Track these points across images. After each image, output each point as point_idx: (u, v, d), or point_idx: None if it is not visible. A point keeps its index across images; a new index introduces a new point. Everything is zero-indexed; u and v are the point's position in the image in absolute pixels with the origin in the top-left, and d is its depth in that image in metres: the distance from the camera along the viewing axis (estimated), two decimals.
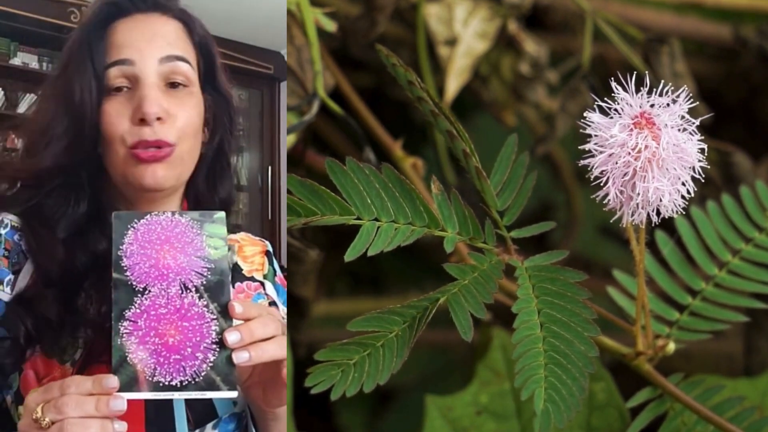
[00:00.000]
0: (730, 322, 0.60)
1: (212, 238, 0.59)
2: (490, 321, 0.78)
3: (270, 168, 3.47)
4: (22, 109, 2.96)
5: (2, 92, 2.93)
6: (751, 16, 0.90)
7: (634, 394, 0.61)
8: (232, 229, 0.80)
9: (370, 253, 0.56)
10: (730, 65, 0.92)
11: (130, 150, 0.67)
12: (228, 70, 0.77)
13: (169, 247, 0.58)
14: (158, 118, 0.67)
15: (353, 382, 0.57)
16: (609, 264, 0.68)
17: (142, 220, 0.59)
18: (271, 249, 0.81)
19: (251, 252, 0.80)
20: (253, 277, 0.78)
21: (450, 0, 0.88)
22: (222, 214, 0.61)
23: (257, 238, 0.82)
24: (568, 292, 0.55)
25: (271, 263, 0.80)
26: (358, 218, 0.57)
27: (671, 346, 0.58)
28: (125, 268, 0.57)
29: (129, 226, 0.59)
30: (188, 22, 0.73)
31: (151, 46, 0.69)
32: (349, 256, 0.56)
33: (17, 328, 0.65)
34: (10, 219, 0.71)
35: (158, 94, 0.68)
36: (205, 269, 0.58)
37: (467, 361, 0.84)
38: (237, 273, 0.77)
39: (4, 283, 0.68)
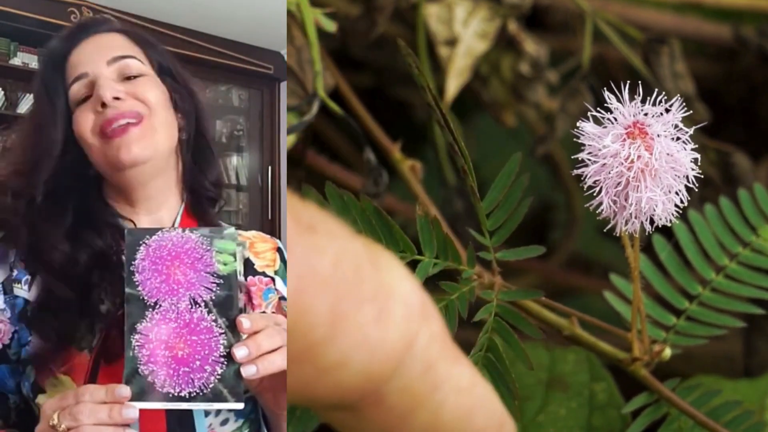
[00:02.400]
0: (726, 327, 0.60)
1: (221, 254, 0.60)
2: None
3: (270, 168, 3.47)
4: (22, 109, 2.96)
5: (2, 92, 2.94)
6: (751, 16, 0.89)
7: (637, 394, 0.61)
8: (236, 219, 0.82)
9: None
10: (730, 65, 0.91)
11: (101, 136, 0.71)
12: (187, 70, 0.83)
13: (179, 262, 0.59)
14: (116, 98, 0.71)
15: None
16: (609, 264, 0.68)
17: (153, 237, 0.60)
18: (282, 246, 0.82)
19: (263, 248, 0.81)
20: (264, 272, 0.79)
21: (450, 0, 0.88)
22: (232, 229, 0.62)
23: (268, 236, 0.84)
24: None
25: (282, 260, 0.81)
26: None
27: (667, 352, 0.58)
28: (137, 283, 0.58)
29: (141, 242, 0.60)
30: (129, 31, 0.80)
31: (100, 55, 0.75)
32: None
33: (45, 332, 0.67)
34: None
35: (112, 83, 0.73)
36: (214, 284, 0.59)
37: None
38: (249, 267, 0.78)
39: (22, 282, 0.71)
